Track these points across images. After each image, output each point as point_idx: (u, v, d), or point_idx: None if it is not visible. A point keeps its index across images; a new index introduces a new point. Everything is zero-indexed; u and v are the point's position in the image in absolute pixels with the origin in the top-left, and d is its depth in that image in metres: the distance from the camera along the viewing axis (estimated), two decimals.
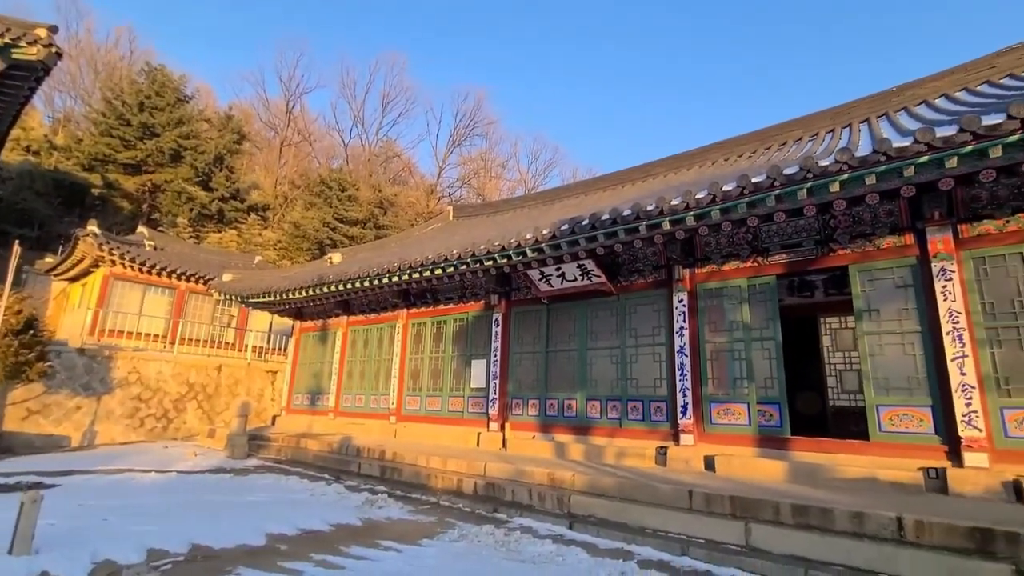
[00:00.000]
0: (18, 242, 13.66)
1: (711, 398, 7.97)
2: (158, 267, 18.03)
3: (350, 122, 61.02)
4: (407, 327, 12.99)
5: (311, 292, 12.73)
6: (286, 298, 13.49)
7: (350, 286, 11.77)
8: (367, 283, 11.37)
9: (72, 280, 20.15)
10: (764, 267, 7.91)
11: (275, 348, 19.67)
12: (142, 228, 22.86)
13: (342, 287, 11.97)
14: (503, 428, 10.31)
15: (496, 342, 10.86)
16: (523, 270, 9.44)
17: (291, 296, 13.27)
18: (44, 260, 21.58)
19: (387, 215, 34.25)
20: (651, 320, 8.91)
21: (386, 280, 10.98)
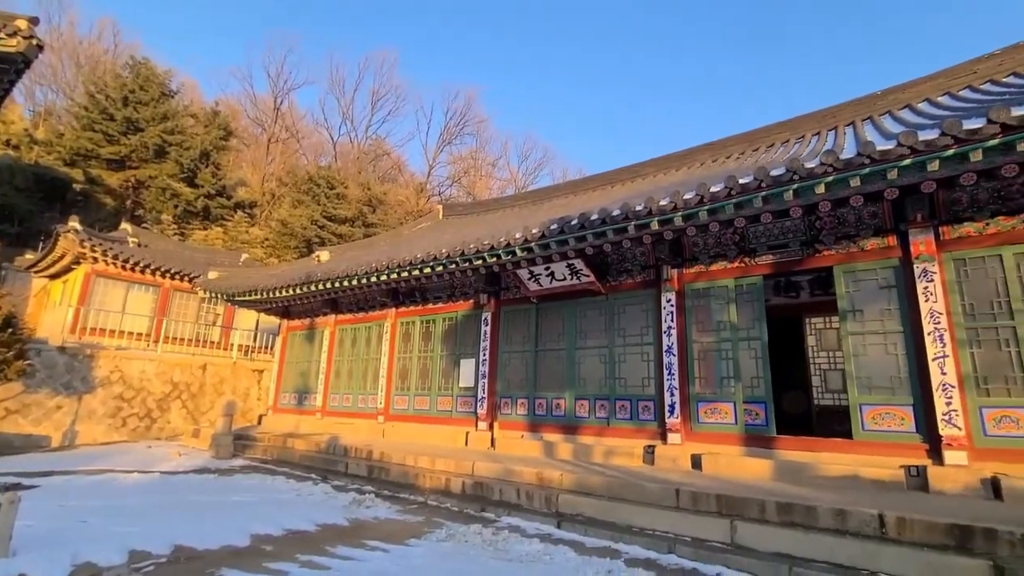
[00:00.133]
0: None
1: (698, 397, 8.03)
2: (142, 264, 17.74)
3: (339, 119, 60.64)
4: (396, 326, 12.93)
5: (299, 291, 12.62)
6: (273, 296, 13.35)
7: (338, 285, 11.68)
8: (356, 282, 11.30)
9: (53, 277, 19.75)
10: (751, 267, 7.99)
11: (262, 347, 19.46)
12: (125, 225, 22.48)
13: (330, 286, 11.88)
14: (492, 427, 10.30)
15: (485, 341, 10.85)
16: (512, 269, 9.44)
17: (278, 294, 13.14)
18: (24, 256, 21.13)
19: (376, 213, 34.01)
20: (639, 320, 8.96)
21: (375, 279, 10.92)
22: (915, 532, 4.56)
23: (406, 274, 10.40)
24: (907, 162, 5.48)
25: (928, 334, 6.28)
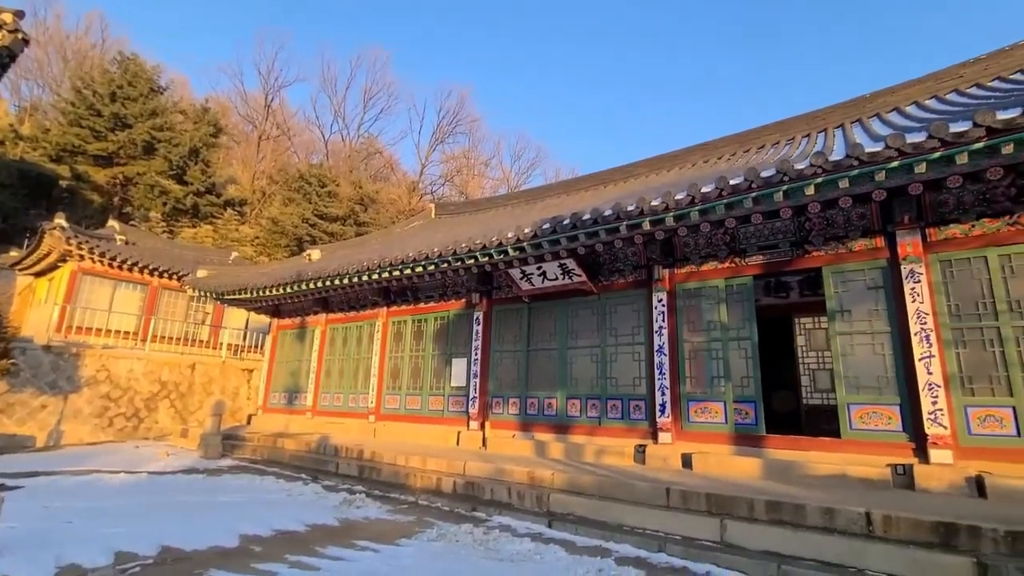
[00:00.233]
0: None
1: (689, 397, 8.08)
2: (129, 262, 17.51)
3: (331, 117, 60.16)
4: (387, 325, 12.87)
5: (289, 289, 12.53)
6: (263, 295, 13.24)
7: (329, 283, 11.61)
8: (347, 280, 11.23)
9: (38, 275, 19.45)
10: (741, 268, 8.05)
11: (251, 346, 19.29)
12: (113, 222, 22.20)
13: (321, 284, 11.80)
14: (483, 427, 10.29)
15: (477, 340, 10.84)
16: (505, 269, 9.44)
17: (268, 293, 13.04)
18: (9, 254, 20.83)
19: (368, 212, 33.81)
20: (631, 319, 8.99)
21: (366, 278, 10.86)
22: (901, 530, 4.61)
23: (398, 273, 10.36)
24: (895, 164, 5.54)
25: (915, 334, 6.36)
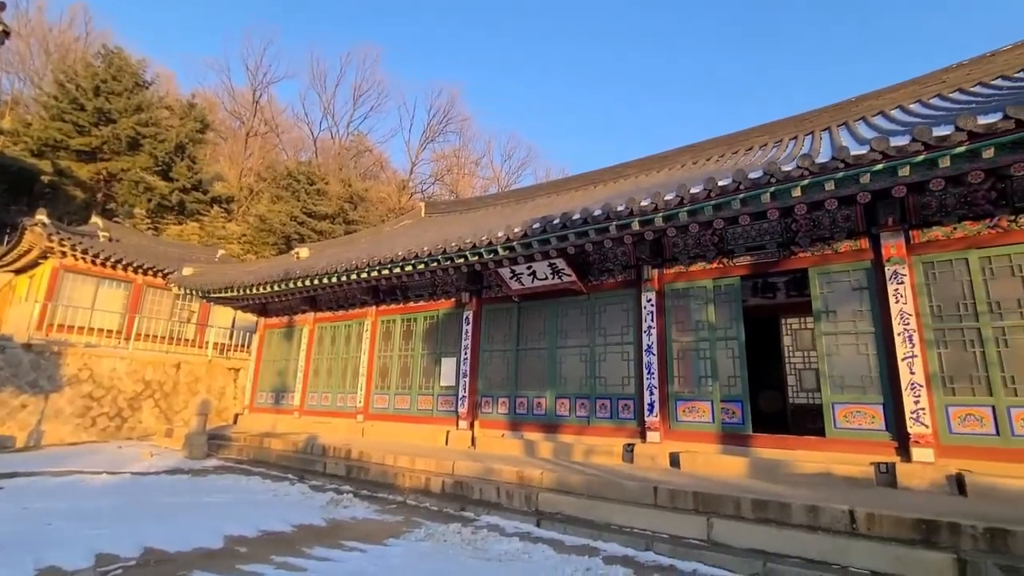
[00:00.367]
0: None
1: (677, 396, 8.13)
2: (112, 259, 17.23)
3: (320, 114, 59.45)
4: (376, 324, 12.80)
5: (277, 288, 12.40)
6: (250, 293, 13.10)
7: (318, 282, 11.52)
8: (335, 279, 11.15)
9: (19, 272, 19.08)
10: (729, 268, 8.12)
11: (238, 345, 19.07)
12: (96, 218, 21.81)
13: (309, 283, 11.70)
14: (472, 426, 10.28)
15: (466, 340, 10.81)
16: (494, 268, 9.43)
17: (255, 291, 12.90)
18: None
19: (357, 210, 33.62)
20: (620, 319, 9.03)
21: (355, 276, 10.79)
22: (884, 527, 4.68)
23: (387, 272, 10.31)
24: (879, 167, 5.63)
25: (898, 335, 6.46)
